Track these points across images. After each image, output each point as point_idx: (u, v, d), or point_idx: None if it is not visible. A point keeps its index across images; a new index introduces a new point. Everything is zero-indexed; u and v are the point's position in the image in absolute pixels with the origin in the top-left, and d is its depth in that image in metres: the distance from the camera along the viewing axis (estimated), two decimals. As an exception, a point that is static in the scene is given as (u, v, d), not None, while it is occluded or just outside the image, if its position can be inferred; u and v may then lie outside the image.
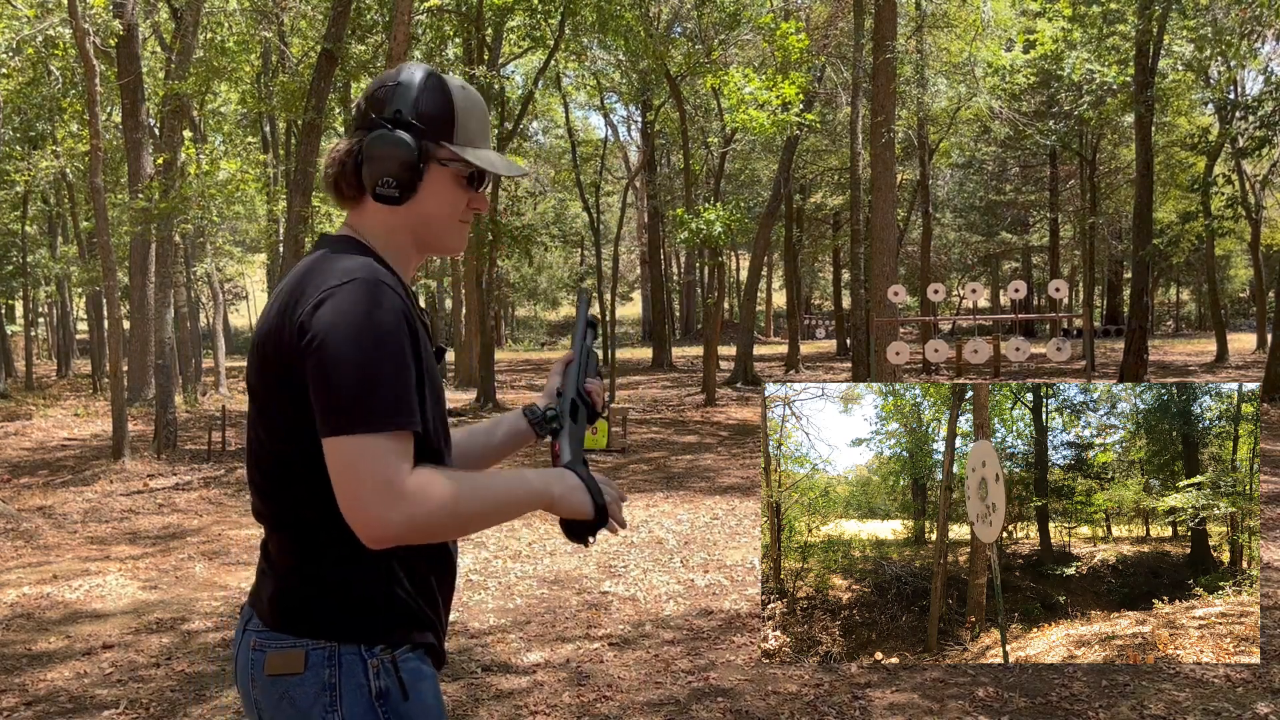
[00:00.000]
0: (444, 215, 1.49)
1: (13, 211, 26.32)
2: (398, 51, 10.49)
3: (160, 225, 12.67)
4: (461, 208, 1.50)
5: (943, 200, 34.35)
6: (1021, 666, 4.20)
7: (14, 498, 9.24)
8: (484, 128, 1.51)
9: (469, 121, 1.47)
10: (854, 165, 14.79)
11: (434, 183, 1.46)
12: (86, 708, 3.99)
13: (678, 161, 29.73)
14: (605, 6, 16.08)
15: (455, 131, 1.46)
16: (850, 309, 17.55)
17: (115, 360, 11.08)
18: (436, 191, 1.47)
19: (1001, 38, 18.71)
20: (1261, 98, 18.05)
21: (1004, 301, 45.28)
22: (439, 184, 1.47)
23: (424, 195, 1.46)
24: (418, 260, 1.53)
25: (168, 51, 17.08)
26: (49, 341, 40.13)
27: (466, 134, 1.47)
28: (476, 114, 1.49)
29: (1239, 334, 35.53)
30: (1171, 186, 29.07)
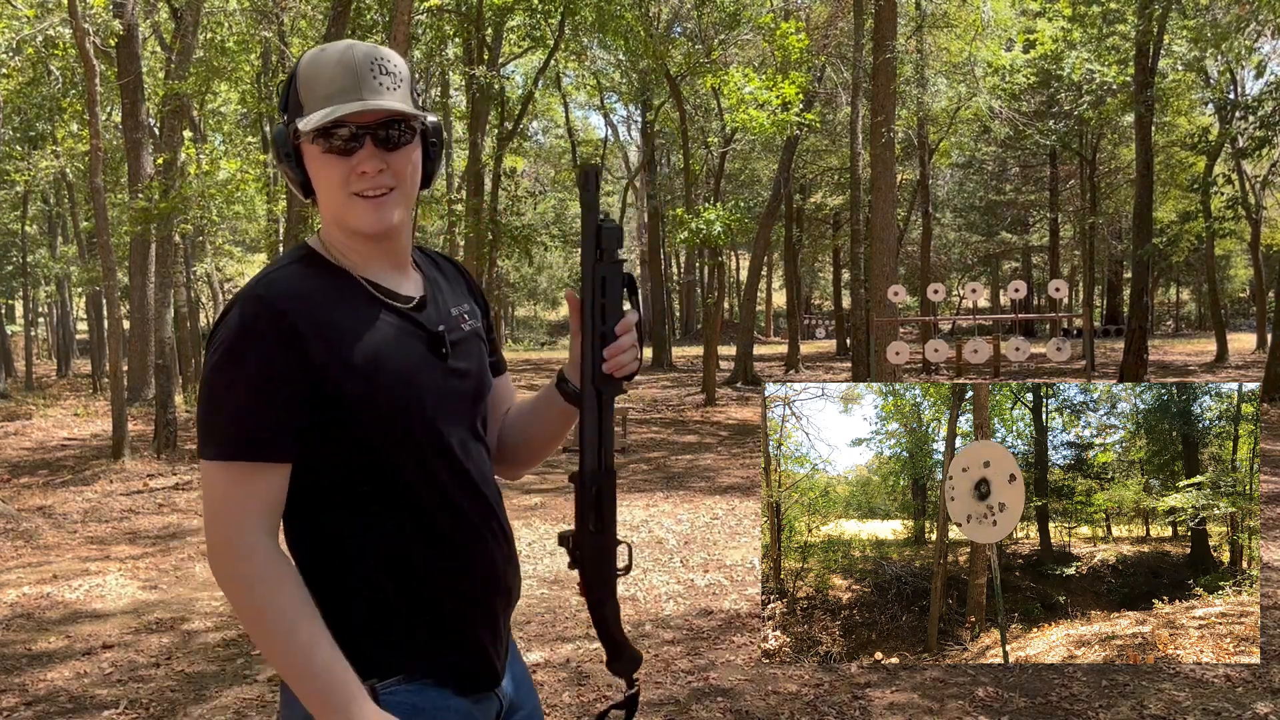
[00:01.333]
0: (330, 193, 1.33)
1: (13, 211, 26.34)
2: (397, 51, 10.47)
3: (160, 225, 12.67)
4: (337, 180, 1.31)
5: (943, 200, 34.36)
6: (1021, 666, 4.20)
7: (14, 497, 9.24)
8: (337, 84, 1.28)
9: (315, 85, 1.29)
10: (854, 165, 14.80)
11: (313, 166, 1.33)
12: (86, 708, 3.99)
13: (678, 161, 29.73)
14: (605, 6, 16.08)
15: (302, 103, 1.31)
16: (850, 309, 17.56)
17: (115, 360, 11.08)
18: (316, 174, 1.33)
19: (1001, 38, 18.71)
20: (1261, 98, 18.06)
21: (1004, 301, 45.28)
22: (315, 165, 1.32)
23: (315, 182, 1.35)
24: (371, 245, 1.37)
25: (168, 51, 17.08)
26: (49, 341, 40.13)
27: (315, 99, 1.29)
28: (325, 72, 1.29)
29: (1239, 334, 35.52)
30: (1171, 186, 29.07)
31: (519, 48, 21.59)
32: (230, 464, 1.25)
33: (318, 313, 1.28)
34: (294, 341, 1.25)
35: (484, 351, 1.51)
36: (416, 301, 1.41)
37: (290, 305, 1.27)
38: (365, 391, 1.29)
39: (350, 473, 1.32)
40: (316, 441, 1.29)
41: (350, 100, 1.28)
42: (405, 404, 1.32)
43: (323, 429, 1.29)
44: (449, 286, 1.51)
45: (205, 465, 1.27)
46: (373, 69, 1.30)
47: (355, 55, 1.30)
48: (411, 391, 1.33)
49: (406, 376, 1.33)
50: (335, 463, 1.31)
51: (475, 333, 1.49)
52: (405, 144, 1.34)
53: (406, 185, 1.36)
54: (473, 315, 1.51)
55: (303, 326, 1.26)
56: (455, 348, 1.41)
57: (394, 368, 1.32)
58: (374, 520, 1.33)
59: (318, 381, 1.27)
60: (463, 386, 1.42)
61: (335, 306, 1.31)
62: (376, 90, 1.29)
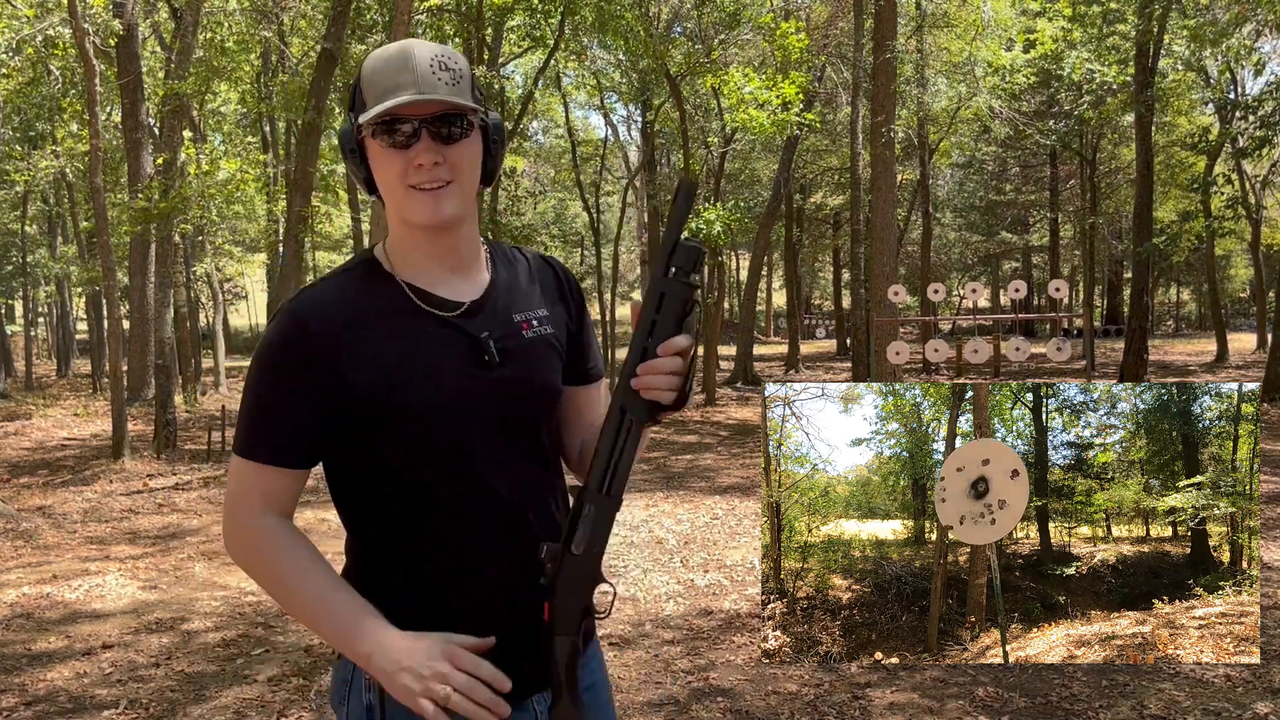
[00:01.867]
0: (390, 187, 1.35)
1: (13, 211, 26.34)
2: (398, 51, 10.48)
3: (160, 225, 12.67)
4: (395, 173, 1.33)
5: (943, 200, 34.34)
6: (1021, 666, 4.20)
7: (14, 497, 9.24)
8: (396, 80, 1.31)
9: (376, 82, 1.32)
10: (854, 165, 14.80)
11: (374, 162, 1.36)
12: (86, 708, 3.99)
13: (678, 161, 29.72)
14: (605, 6, 16.08)
15: (365, 101, 1.33)
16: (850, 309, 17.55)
17: (115, 360, 11.08)
18: (377, 169, 1.36)
19: (1001, 37, 18.70)
20: (1261, 98, 18.05)
21: (1004, 301, 45.29)
22: (376, 160, 1.35)
23: (377, 177, 1.37)
24: (430, 241, 1.39)
25: (168, 51, 17.09)
26: (49, 341, 40.13)
27: (375, 96, 1.32)
28: (386, 69, 1.32)
29: (1239, 334, 35.52)
30: (1171, 186, 29.07)
31: (519, 48, 21.58)
32: (241, 460, 1.37)
33: (347, 327, 1.33)
34: (316, 358, 1.32)
35: (553, 357, 1.46)
36: (466, 307, 1.40)
37: (318, 323, 1.33)
38: (386, 401, 1.33)
39: (374, 476, 1.37)
40: (342, 444, 1.36)
41: (406, 93, 1.30)
42: (427, 413, 1.34)
43: (347, 434, 1.35)
44: (525, 288, 1.47)
45: (232, 456, 1.40)
46: (433, 65, 1.32)
47: (416, 52, 1.33)
48: (435, 400, 1.34)
49: (433, 385, 1.34)
50: (360, 466, 1.37)
51: (544, 339, 1.45)
52: (463, 138, 1.35)
53: (464, 179, 1.37)
54: (547, 320, 1.47)
55: (327, 343, 1.32)
56: (506, 354, 1.39)
57: (419, 377, 1.34)
58: (393, 522, 1.38)
59: (340, 394, 1.32)
60: (508, 394, 1.39)
61: (369, 318, 1.35)
62: (434, 86, 1.31)
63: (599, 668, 1.56)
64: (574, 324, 1.52)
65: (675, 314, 1.28)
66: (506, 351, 1.39)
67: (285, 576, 1.35)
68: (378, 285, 1.38)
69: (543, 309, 1.47)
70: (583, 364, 1.54)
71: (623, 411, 1.30)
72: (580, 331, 1.53)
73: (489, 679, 1.28)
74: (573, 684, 1.38)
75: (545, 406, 1.43)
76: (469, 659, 1.28)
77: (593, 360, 1.56)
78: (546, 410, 1.44)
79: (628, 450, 1.31)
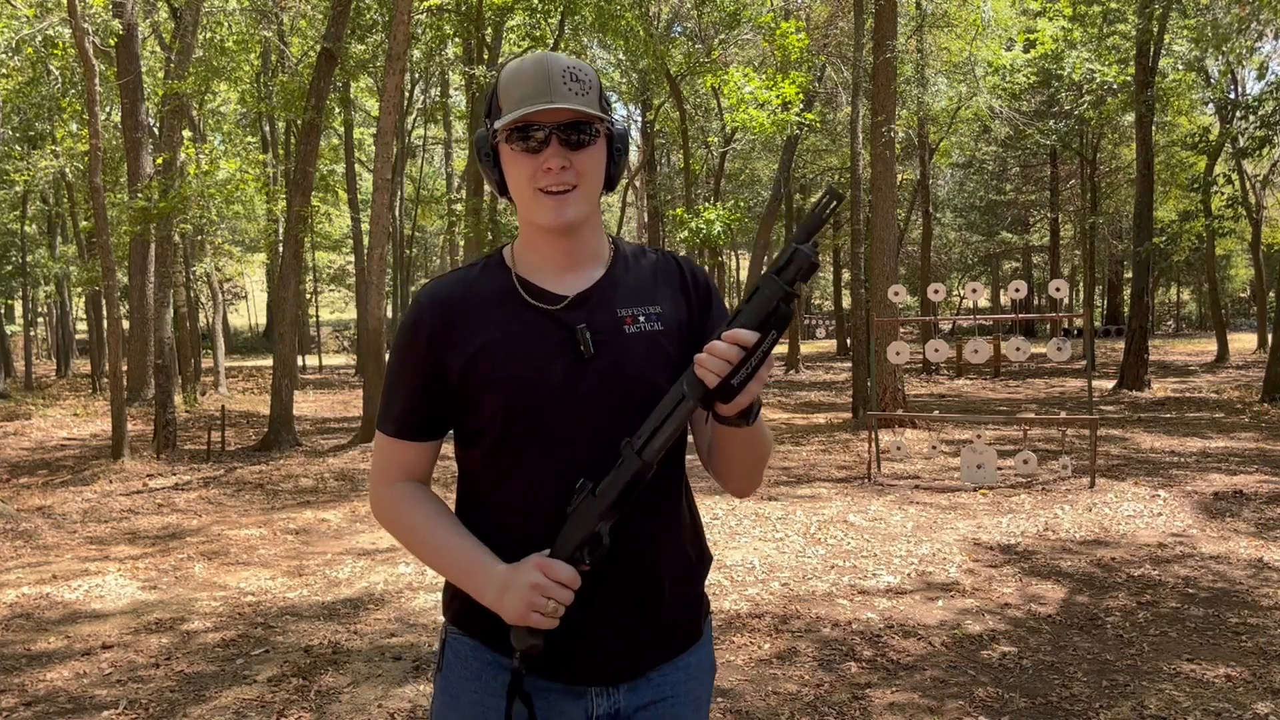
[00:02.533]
0: (519, 189, 1.45)
1: (12, 211, 26.34)
2: (397, 51, 10.48)
3: (160, 225, 12.67)
4: (526, 176, 1.43)
5: (943, 200, 34.37)
6: (1021, 666, 4.20)
7: (13, 498, 9.24)
8: (530, 89, 1.41)
9: (511, 90, 1.42)
10: (854, 165, 14.78)
11: (506, 165, 1.46)
12: (86, 708, 3.99)
13: (678, 161, 29.73)
14: (605, 6, 16.09)
15: (501, 108, 1.43)
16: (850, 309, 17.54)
17: (115, 360, 11.08)
18: (508, 172, 1.46)
19: (1002, 37, 18.70)
20: (1262, 97, 18.04)
21: (1004, 301, 45.31)
22: (508, 164, 1.45)
23: (509, 180, 1.47)
24: (550, 240, 1.48)
25: (167, 51, 17.08)
26: (48, 341, 40.15)
27: (510, 103, 1.41)
28: (520, 79, 1.41)
29: (1239, 334, 35.53)
30: (1172, 186, 29.07)
31: (519, 47, 21.57)
32: (378, 432, 1.55)
33: (457, 314, 1.48)
34: (427, 342, 1.47)
35: (657, 353, 1.49)
36: (570, 300, 1.48)
37: (431, 311, 1.48)
38: (475, 381, 1.45)
39: (468, 446, 1.52)
40: (458, 418, 1.51)
41: (539, 101, 1.40)
42: (512, 393, 1.44)
43: (450, 409, 1.50)
44: (639, 286, 1.53)
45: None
46: (564, 76, 1.41)
47: (549, 63, 1.42)
48: (522, 382, 1.44)
49: (523, 369, 1.44)
50: (462, 434, 1.53)
51: (648, 335, 1.49)
52: (590, 145, 1.44)
53: (588, 184, 1.45)
54: (658, 318, 1.51)
55: (437, 329, 1.47)
56: (603, 346, 1.46)
57: (510, 361, 1.45)
58: (480, 486, 1.52)
59: (439, 373, 1.47)
60: (601, 383, 1.45)
61: (478, 307, 1.48)
62: (565, 95, 1.40)
63: (685, 680, 1.55)
64: (696, 322, 1.55)
65: (762, 309, 1.30)
66: (603, 343, 1.46)
67: (413, 530, 1.50)
68: (495, 277, 1.51)
69: (655, 306, 1.52)
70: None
71: (681, 383, 1.36)
72: (705, 325, 1.55)
73: (568, 581, 1.38)
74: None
75: (639, 398, 1.45)
76: (560, 569, 1.37)
77: None
78: (640, 401, 1.45)
79: (671, 421, 1.36)
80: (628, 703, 1.49)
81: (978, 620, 4.87)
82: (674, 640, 1.53)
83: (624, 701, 1.49)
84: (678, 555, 1.54)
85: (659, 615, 1.50)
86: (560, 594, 1.36)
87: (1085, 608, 5.04)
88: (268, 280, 31.70)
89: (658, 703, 1.51)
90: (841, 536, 6.77)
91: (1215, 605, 5.04)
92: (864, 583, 5.61)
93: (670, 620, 1.52)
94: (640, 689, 1.50)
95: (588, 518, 1.38)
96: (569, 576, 1.37)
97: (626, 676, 1.49)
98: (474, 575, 1.44)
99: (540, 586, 1.36)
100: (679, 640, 1.54)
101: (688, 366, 1.48)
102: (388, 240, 12.87)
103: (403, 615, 5.13)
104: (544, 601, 1.36)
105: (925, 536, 6.75)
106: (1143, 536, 6.61)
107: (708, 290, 1.57)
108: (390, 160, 11.17)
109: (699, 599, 1.59)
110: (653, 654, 1.51)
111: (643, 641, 1.49)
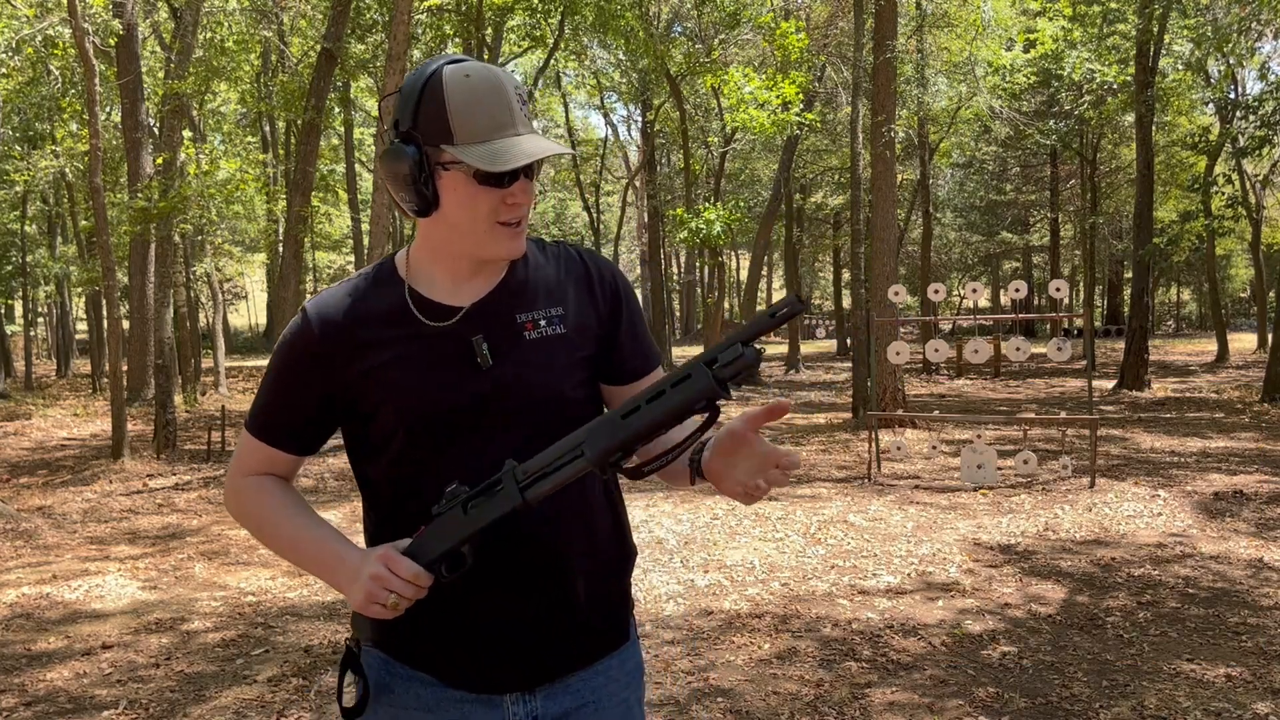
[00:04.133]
0: (467, 220, 1.37)
1: (12, 211, 26.33)
2: (397, 51, 10.47)
3: (160, 225, 12.67)
4: (486, 210, 1.35)
5: (943, 200, 34.34)
6: (1021, 666, 4.20)
7: (13, 498, 9.24)
8: (496, 117, 1.33)
9: (470, 116, 1.32)
10: (854, 165, 14.77)
11: (448, 189, 1.35)
12: (86, 708, 3.99)
13: (678, 161, 29.72)
14: (605, 6, 16.09)
15: (453, 132, 1.32)
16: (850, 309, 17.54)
17: (115, 360, 11.08)
18: (453, 198, 1.36)
19: (1002, 37, 18.70)
20: (1262, 97, 18.04)
21: (1004, 301, 45.29)
22: (453, 189, 1.35)
23: (445, 203, 1.37)
24: (470, 266, 1.42)
25: (167, 51, 17.08)
26: (48, 341, 40.14)
27: (469, 131, 1.32)
28: (483, 105, 1.32)
29: (1239, 334, 35.54)
30: (1172, 186, 29.07)
31: (519, 47, 21.58)
32: (246, 431, 1.51)
33: (348, 329, 1.42)
34: (315, 356, 1.42)
35: (560, 356, 1.43)
36: (464, 311, 1.41)
37: (323, 325, 1.42)
38: (373, 401, 1.41)
39: (367, 464, 1.48)
40: (342, 431, 1.49)
41: (507, 134, 1.34)
42: (410, 413, 1.39)
43: (343, 424, 1.48)
44: (540, 288, 1.46)
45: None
46: (518, 99, 1.36)
47: (503, 85, 1.35)
48: (419, 402, 1.39)
49: (419, 388, 1.39)
50: (357, 453, 1.49)
51: (550, 338, 1.43)
52: (537, 172, 1.42)
53: (529, 210, 1.44)
54: (560, 320, 1.44)
55: (327, 343, 1.42)
56: (500, 355, 1.40)
57: (407, 379, 1.39)
58: (381, 503, 1.48)
59: (333, 391, 1.43)
60: (500, 393, 1.39)
61: (370, 324, 1.42)
62: (525, 122, 1.36)
63: (604, 685, 1.49)
64: (604, 321, 1.49)
65: (684, 404, 1.19)
66: (500, 352, 1.40)
67: (265, 520, 1.48)
68: (385, 291, 1.44)
69: (558, 308, 1.45)
70: (616, 362, 1.50)
71: (583, 437, 1.26)
72: (614, 329, 1.50)
73: (411, 578, 1.31)
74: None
75: (542, 404, 1.41)
76: (404, 564, 1.31)
77: (631, 359, 1.51)
78: (545, 407, 1.41)
79: (562, 473, 1.27)
80: (545, 710, 1.43)
81: (978, 620, 4.87)
82: (593, 642, 1.47)
83: (541, 709, 1.43)
84: (593, 549, 1.45)
85: (573, 614, 1.43)
86: (402, 588, 1.30)
87: (1085, 608, 5.04)
88: (268, 280, 31.68)
89: (579, 709, 1.45)
90: (841, 536, 6.77)
91: (1215, 605, 5.04)
92: (864, 583, 5.61)
93: (587, 620, 1.45)
94: (558, 695, 1.44)
95: (451, 532, 1.32)
96: (412, 574, 1.30)
97: (542, 680, 1.43)
98: (330, 564, 1.40)
99: (381, 578, 1.31)
100: (599, 642, 1.48)
101: (599, 366, 1.48)
102: (388, 240, 12.87)
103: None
104: (384, 594, 1.30)
105: (925, 536, 6.75)
106: (1143, 536, 6.61)
107: (615, 288, 1.50)
108: (390, 160, 11.13)
109: (622, 596, 1.52)
110: (570, 656, 1.44)
111: (557, 642, 1.42)
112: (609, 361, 1.50)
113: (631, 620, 1.55)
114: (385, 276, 1.46)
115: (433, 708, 1.43)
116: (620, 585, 1.51)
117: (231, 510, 1.53)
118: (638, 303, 1.56)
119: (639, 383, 1.51)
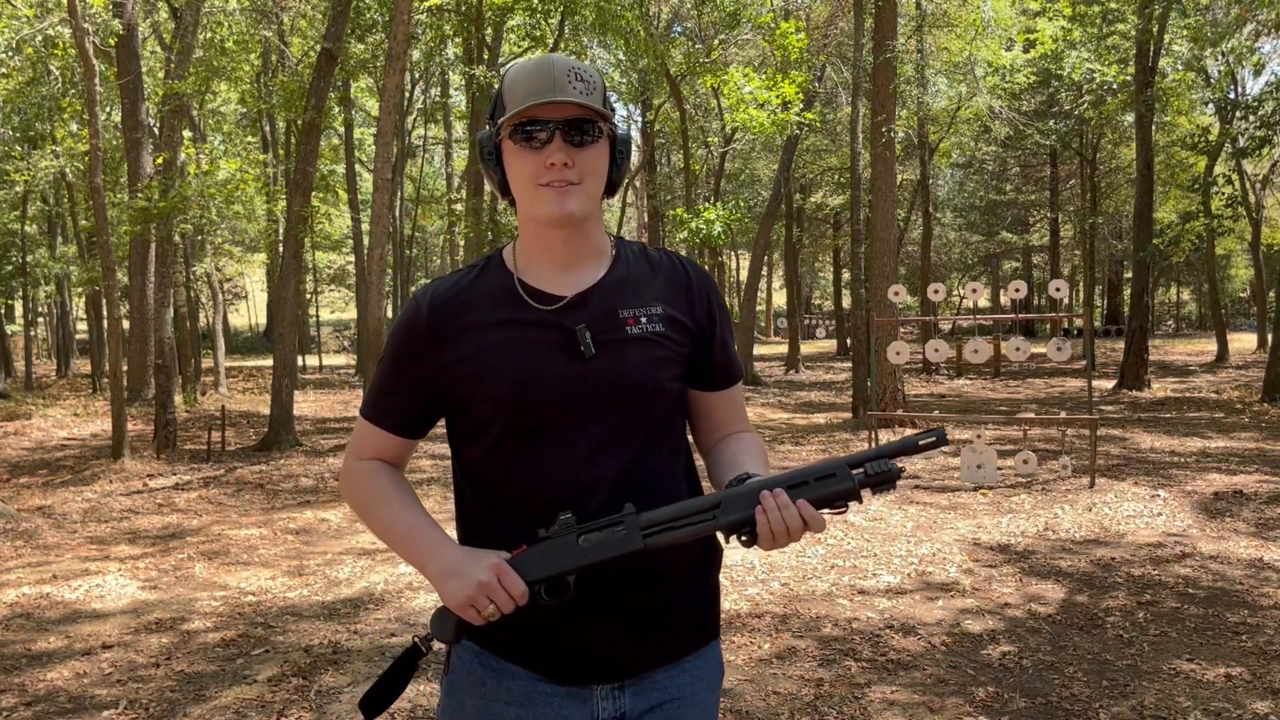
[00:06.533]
0: (519, 186, 1.46)
1: (12, 211, 26.32)
2: (397, 51, 10.47)
3: (160, 225, 12.67)
4: (529, 172, 1.43)
5: (943, 200, 34.35)
6: (1021, 666, 4.20)
7: (13, 497, 9.24)
8: (534, 86, 1.41)
9: (515, 89, 1.43)
10: (854, 165, 14.78)
11: (509, 162, 1.46)
12: (86, 708, 3.99)
13: (678, 161, 29.72)
14: (605, 6, 16.08)
15: (505, 105, 1.44)
16: (850, 309, 17.54)
17: (115, 360, 11.08)
18: (511, 169, 1.46)
19: (1001, 37, 18.69)
20: (1262, 97, 18.04)
21: (1004, 301, 45.29)
22: (510, 161, 1.45)
23: (510, 177, 1.47)
24: (549, 238, 1.47)
25: (167, 51, 17.08)
26: (49, 341, 40.13)
27: (512, 100, 1.43)
28: (525, 77, 1.42)
29: (1239, 334, 35.54)
30: (1172, 186, 29.07)
31: (519, 47, 21.57)
32: (359, 418, 1.58)
33: (455, 315, 1.48)
34: (423, 343, 1.47)
35: (658, 354, 1.48)
36: (569, 300, 1.47)
37: (430, 311, 1.48)
38: (474, 384, 1.45)
39: (465, 445, 1.51)
40: (453, 417, 1.52)
41: (544, 99, 1.40)
42: (509, 397, 1.44)
43: (447, 409, 1.51)
44: (641, 287, 1.51)
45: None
46: (569, 75, 1.42)
47: (554, 62, 1.43)
48: (520, 385, 1.44)
49: (520, 372, 1.44)
50: (456, 435, 1.53)
51: (649, 336, 1.48)
52: (593, 144, 1.44)
53: (590, 183, 1.45)
54: (660, 319, 1.50)
55: (434, 330, 1.47)
56: (603, 347, 1.45)
57: (509, 364, 1.44)
58: (477, 485, 1.51)
59: (438, 375, 1.48)
60: (600, 384, 1.44)
61: (476, 308, 1.48)
62: (569, 92, 1.41)
63: (690, 683, 1.53)
64: (700, 328, 1.54)
65: (830, 496, 1.35)
66: (603, 344, 1.45)
67: (371, 506, 1.53)
68: (495, 278, 1.51)
69: (657, 307, 1.51)
70: (705, 370, 1.57)
71: (720, 500, 1.37)
72: (708, 337, 1.55)
73: (518, 595, 1.37)
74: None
75: (640, 398, 1.46)
76: (515, 580, 1.36)
77: (718, 367, 1.58)
78: (641, 401, 1.46)
79: (692, 528, 1.37)
80: (633, 705, 1.47)
81: (977, 620, 4.87)
82: (685, 636, 1.51)
83: (630, 704, 1.47)
84: (684, 547, 1.48)
85: (668, 609, 1.48)
86: (504, 602, 1.35)
87: (1085, 607, 5.04)
88: (268, 280, 31.69)
89: (664, 705, 1.49)
90: (841, 536, 6.77)
91: (1214, 605, 5.04)
92: (864, 582, 5.61)
93: (680, 615, 1.50)
94: (646, 691, 1.48)
95: (560, 559, 1.36)
96: (519, 592, 1.36)
97: (633, 673, 1.47)
98: (425, 550, 1.44)
99: (488, 587, 1.35)
100: (690, 637, 1.52)
101: (689, 368, 1.52)
102: (388, 240, 12.87)
103: (403, 615, 5.13)
104: (485, 602, 1.35)
105: (925, 536, 6.75)
106: (1142, 536, 6.62)
107: (710, 299, 1.56)
108: (390, 160, 11.16)
109: (711, 592, 1.57)
110: (662, 650, 1.48)
111: (651, 636, 1.47)
112: (699, 368, 1.56)
113: (718, 616, 1.60)
114: (495, 265, 1.53)
115: (524, 702, 1.46)
116: (709, 581, 1.57)
117: (344, 489, 1.60)
118: (729, 315, 1.62)
119: (723, 393, 1.60)
